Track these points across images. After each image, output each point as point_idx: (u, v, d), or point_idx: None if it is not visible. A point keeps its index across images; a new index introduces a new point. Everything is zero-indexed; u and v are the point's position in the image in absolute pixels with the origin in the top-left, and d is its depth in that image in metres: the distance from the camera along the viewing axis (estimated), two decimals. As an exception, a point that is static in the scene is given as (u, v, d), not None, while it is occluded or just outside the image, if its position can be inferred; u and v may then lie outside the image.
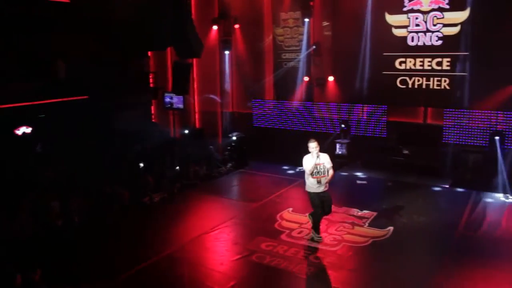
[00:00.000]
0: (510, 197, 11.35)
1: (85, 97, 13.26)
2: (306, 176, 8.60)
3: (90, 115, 13.28)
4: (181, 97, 16.11)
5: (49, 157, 12.26)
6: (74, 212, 9.98)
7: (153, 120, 17.70)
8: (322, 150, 8.63)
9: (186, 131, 16.89)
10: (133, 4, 13.67)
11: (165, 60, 17.37)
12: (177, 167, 13.21)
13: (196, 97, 17.52)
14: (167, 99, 16.60)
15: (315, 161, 8.38)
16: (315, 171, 8.42)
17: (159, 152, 14.20)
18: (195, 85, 17.39)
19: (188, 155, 14.27)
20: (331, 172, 8.60)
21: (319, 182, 8.46)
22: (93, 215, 10.18)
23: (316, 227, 8.88)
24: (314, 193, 8.58)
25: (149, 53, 17.25)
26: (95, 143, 12.98)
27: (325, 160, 8.51)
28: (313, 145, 8.40)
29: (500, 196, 11.49)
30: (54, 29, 12.68)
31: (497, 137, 12.13)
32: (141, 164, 12.52)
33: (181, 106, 16.49)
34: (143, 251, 8.59)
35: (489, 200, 11.27)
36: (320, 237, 8.85)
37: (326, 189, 8.60)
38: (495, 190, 11.71)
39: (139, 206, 11.13)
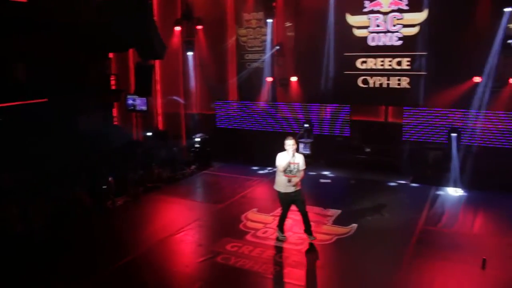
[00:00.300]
0: (459, 190, 11.84)
1: (44, 100, 12.91)
2: (277, 173, 8.49)
3: (50, 118, 12.94)
4: (144, 99, 15.93)
5: (7, 162, 11.87)
6: (34, 217, 9.69)
7: (115, 123, 17.41)
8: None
9: (149, 133, 16.71)
10: (94, 5, 13.42)
11: (127, 61, 17.11)
12: (141, 170, 13.04)
13: (159, 99, 17.33)
14: (130, 101, 16.40)
15: (290, 159, 8.25)
16: (287, 169, 8.29)
17: (122, 155, 13.98)
18: (158, 87, 17.20)
19: (151, 157, 14.10)
20: (301, 173, 8.44)
21: (289, 181, 8.32)
22: (54, 220, 9.90)
23: (281, 226, 8.89)
24: (283, 193, 8.46)
25: (111, 55, 16.97)
26: (55, 147, 12.65)
27: (300, 160, 8.37)
28: (289, 143, 8.26)
29: (452, 190, 11.93)
30: (11, 30, 12.29)
31: (454, 134, 12.50)
32: (103, 168, 12.28)
33: (144, 108, 16.31)
34: (107, 256, 8.44)
35: (442, 193, 11.71)
36: (285, 236, 8.88)
37: (298, 188, 8.43)
38: (451, 185, 12.13)
39: (102, 211, 10.92)
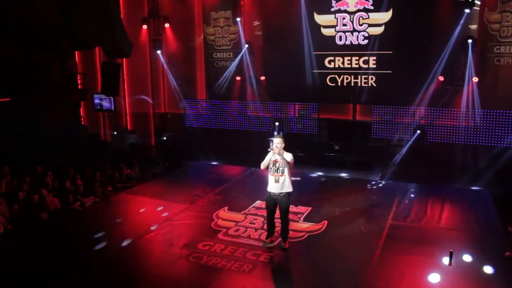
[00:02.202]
0: (426, 186, 12.13)
1: (7, 99, 12.57)
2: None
3: (13, 118, 12.58)
4: (111, 98, 15.72)
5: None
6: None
7: (82, 123, 17.10)
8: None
9: (117, 133, 16.47)
10: (58, 2, 13.13)
11: (93, 60, 16.84)
12: (109, 170, 12.83)
13: (127, 98, 17.11)
14: (97, 101, 16.16)
15: (274, 157, 7.99)
16: (272, 168, 8.06)
17: (90, 155, 13.74)
18: (126, 86, 16.98)
19: (120, 157, 13.91)
20: (286, 171, 8.01)
21: (276, 181, 8.08)
22: (19, 223, 9.64)
23: (268, 231, 8.64)
24: (268, 192, 8.25)
25: (77, 53, 16.65)
26: (20, 148, 12.34)
27: (286, 159, 7.94)
28: (276, 141, 7.97)
29: (418, 185, 12.19)
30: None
31: (418, 131, 12.80)
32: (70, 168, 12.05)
33: (111, 107, 16.08)
34: (77, 258, 8.26)
35: (410, 189, 11.90)
36: (266, 242, 8.61)
37: (285, 191, 8.11)
38: (418, 180, 12.41)
39: (70, 212, 10.67)
